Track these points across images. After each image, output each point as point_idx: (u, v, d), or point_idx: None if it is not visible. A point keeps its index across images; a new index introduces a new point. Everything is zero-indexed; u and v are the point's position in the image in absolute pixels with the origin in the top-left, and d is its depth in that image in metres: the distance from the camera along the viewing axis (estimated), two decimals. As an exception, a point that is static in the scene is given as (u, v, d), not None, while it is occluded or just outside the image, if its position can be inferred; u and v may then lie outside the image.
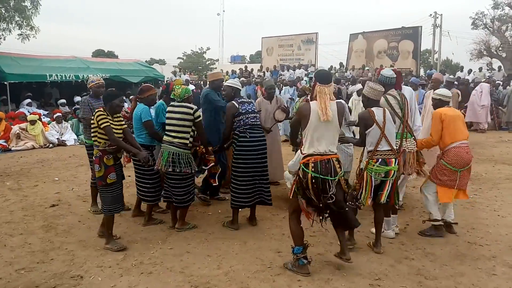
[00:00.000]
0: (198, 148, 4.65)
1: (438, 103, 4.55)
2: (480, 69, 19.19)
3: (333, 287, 3.34)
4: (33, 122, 10.37)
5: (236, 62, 41.06)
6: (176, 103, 4.41)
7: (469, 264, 3.74)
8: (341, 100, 5.02)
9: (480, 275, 3.53)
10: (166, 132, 4.40)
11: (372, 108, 3.95)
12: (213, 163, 4.77)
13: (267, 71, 20.67)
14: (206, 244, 4.22)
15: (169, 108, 4.45)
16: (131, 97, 12.36)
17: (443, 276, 3.51)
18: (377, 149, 3.86)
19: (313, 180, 3.30)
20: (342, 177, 3.53)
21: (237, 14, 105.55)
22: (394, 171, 3.88)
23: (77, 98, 13.89)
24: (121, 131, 4.04)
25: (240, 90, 4.92)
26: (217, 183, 5.06)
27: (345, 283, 3.40)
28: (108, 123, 3.86)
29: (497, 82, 14.50)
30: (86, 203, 5.59)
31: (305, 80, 14.96)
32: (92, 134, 3.99)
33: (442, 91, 4.63)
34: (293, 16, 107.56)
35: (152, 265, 3.72)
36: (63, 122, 11.32)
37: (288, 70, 20.05)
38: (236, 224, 4.62)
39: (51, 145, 10.45)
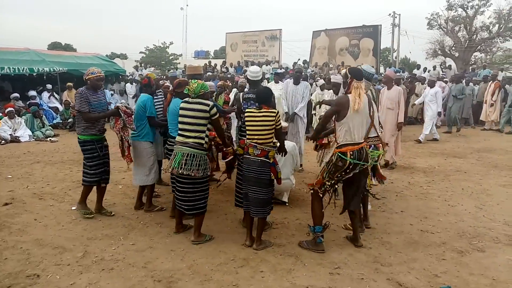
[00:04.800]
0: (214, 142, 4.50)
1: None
2: (434, 68, 20.10)
3: (295, 277, 3.43)
4: (-17, 117, 9.81)
5: (200, 57, 40.66)
6: (190, 100, 3.96)
7: (422, 251, 3.97)
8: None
9: (431, 260, 3.76)
10: (179, 132, 4.02)
11: None
12: (232, 156, 4.52)
13: (231, 67, 20.64)
14: (170, 239, 4.20)
15: (182, 105, 3.99)
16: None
17: (398, 263, 3.71)
18: (368, 136, 4.22)
19: (351, 166, 3.74)
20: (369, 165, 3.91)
21: (200, 9, 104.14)
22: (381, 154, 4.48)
23: (32, 92, 13.30)
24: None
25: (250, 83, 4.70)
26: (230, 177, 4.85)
27: (306, 273, 3.50)
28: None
29: (444, 79, 15.18)
30: (43, 201, 5.38)
31: (269, 77, 15.04)
32: (267, 136, 3.87)
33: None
34: (257, 12, 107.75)
35: (113, 261, 3.66)
36: (16, 117, 10.76)
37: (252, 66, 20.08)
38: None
39: (3, 141, 9.91)
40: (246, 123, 3.93)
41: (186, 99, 4.03)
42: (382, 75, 15.70)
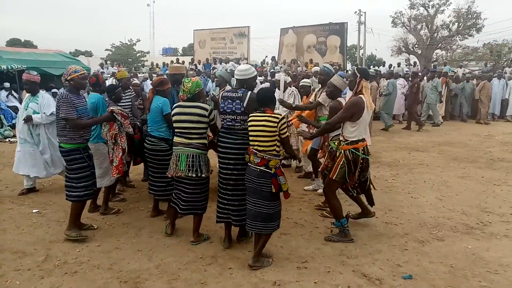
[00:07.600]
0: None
1: (304, 90, 6.22)
2: (399, 64, 20.72)
3: (263, 272, 3.45)
4: None
5: (168, 54, 40.13)
6: (186, 103, 3.82)
7: (386, 242, 4.09)
8: None
9: (394, 251, 3.89)
10: (178, 133, 3.87)
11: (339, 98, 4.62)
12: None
13: (200, 64, 20.48)
14: (136, 239, 4.12)
15: (177, 110, 3.84)
16: (58, 90, 11.54)
17: (363, 255, 3.81)
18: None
19: (361, 161, 3.97)
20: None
21: (168, 6, 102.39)
22: None
23: (-12, 91, 12.65)
24: None
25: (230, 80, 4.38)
26: None
27: (274, 268, 3.53)
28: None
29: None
30: (1, 204, 5.16)
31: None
32: (267, 143, 3.44)
33: (304, 81, 6.45)
34: (225, 10, 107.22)
35: (77, 264, 3.56)
36: (-27, 117, 10.22)
37: (220, 63, 19.99)
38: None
39: (-42, 143, 9.39)
40: (249, 128, 3.58)
41: (180, 102, 3.89)
42: (350, 72, 16.04)
